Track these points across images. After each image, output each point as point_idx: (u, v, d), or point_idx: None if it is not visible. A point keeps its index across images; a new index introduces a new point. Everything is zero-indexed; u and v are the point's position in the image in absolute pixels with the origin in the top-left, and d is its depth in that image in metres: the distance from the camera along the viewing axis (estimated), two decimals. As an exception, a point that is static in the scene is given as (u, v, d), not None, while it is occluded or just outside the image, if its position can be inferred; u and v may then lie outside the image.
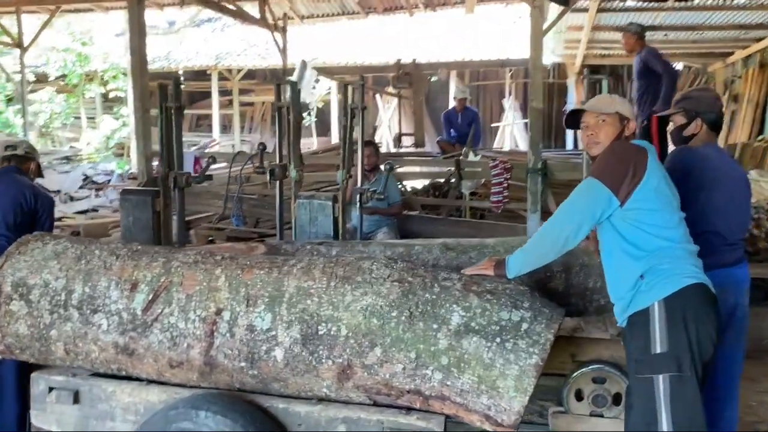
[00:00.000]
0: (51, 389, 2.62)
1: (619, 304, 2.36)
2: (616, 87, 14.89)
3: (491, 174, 5.94)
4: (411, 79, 8.84)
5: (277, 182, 4.22)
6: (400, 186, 6.66)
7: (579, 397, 2.98)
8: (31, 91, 16.47)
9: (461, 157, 6.52)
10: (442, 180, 7.01)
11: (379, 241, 3.50)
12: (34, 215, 3.38)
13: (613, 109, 2.48)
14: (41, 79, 16.57)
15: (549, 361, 3.54)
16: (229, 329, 2.43)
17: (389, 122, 13.80)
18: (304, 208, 4.05)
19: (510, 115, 15.08)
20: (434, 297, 2.34)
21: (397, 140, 9.68)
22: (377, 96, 14.45)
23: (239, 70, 16.73)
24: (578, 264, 2.89)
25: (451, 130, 8.78)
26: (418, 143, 9.26)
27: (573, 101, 14.06)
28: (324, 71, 11.87)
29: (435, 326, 2.28)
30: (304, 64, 6.86)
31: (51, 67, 16.14)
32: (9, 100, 16.06)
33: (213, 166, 8.97)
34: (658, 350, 2.20)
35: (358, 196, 4.11)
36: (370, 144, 6.01)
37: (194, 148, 12.42)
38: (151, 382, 2.58)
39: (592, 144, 2.51)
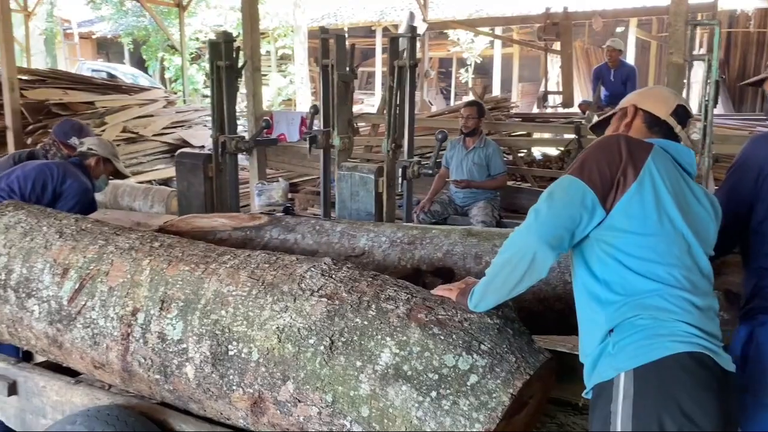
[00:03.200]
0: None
1: (586, 364, 1.56)
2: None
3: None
4: (558, 30, 7.75)
5: (321, 151, 3.73)
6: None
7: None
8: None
9: (583, 122, 5.50)
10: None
11: (391, 224, 2.93)
12: (57, 195, 3.26)
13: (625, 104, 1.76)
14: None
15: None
16: (143, 334, 2.03)
17: (557, 79, 12.60)
18: (345, 181, 3.54)
19: (699, 73, 12.99)
20: (366, 323, 1.73)
21: (542, 99, 8.65)
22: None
23: (405, 25, 16.28)
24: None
25: (602, 89, 7.59)
26: (566, 103, 8.18)
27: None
28: (465, 24, 10.99)
29: (359, 364, 1.68)
30: (411, 17, 6.24)
31: (228, 26, 16.96)
32: (194, 58, 17.22)
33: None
34: None
35: (400, 170, 3.50)
36: (473, 104, 5.28)
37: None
38: (80, 382, 2.29)
39: None
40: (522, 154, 7.01)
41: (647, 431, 1.36)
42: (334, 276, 1.88)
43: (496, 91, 14.74)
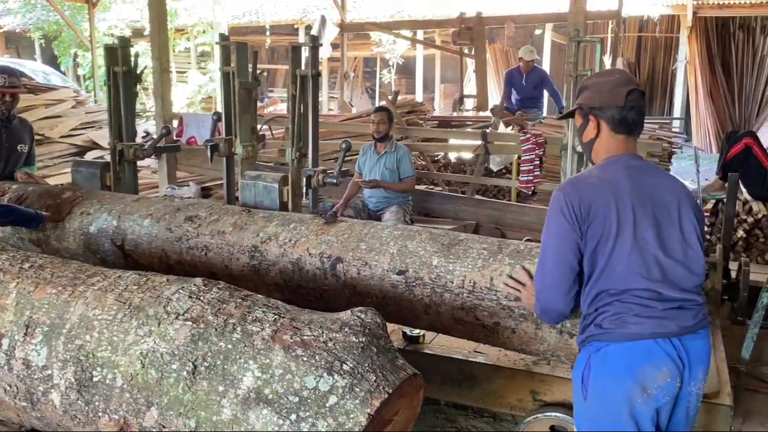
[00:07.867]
0: None
1: None
2: (746, 45, 12.75)
3: (521, 149, 5.09)
4: (472, 35, 7.92)
5: (224, 159, 3.69)
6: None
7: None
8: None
9: (489, 129, 5.65)
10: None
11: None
12: None
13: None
14: (137, 34, 16.92)
15: (503, 395, 2.86)
16: (7, 361, 1.97)
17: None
18: (249, 189, 3.51)
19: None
20: (230, 347, 1.73)
21: (458, 103, 8.83)
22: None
23: (329, 24, 16.20)
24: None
25: (513, 93, 7.78)
26: (480, 106, 8.37)
27: (684, 59, 12.40)
28: (381, 27, 11.07)
29: (221, 388, 1.68)
30: (323, 20, 6.25)
31: (145, 21, 16.41)
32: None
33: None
34: None
35: (305, 179, 3.50)
36: (382, 110, 5.33)
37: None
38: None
39: None
40: (438, 157, 7.13)
41: None
42: (202, 298, 1.87)
43: (419, 91, 14.91)
